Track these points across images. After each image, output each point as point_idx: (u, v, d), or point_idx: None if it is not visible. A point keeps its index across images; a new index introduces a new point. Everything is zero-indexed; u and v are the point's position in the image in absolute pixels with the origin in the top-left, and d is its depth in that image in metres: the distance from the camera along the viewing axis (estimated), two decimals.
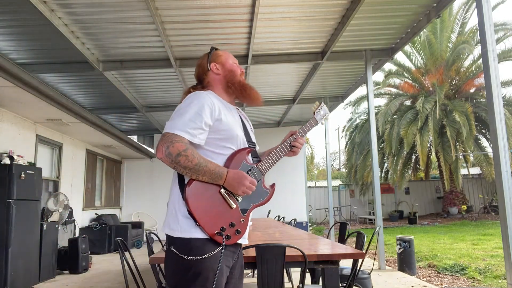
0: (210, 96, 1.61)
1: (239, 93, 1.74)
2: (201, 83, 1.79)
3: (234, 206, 1.56)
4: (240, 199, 1.59)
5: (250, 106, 1.78)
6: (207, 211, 1.51)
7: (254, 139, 1.80)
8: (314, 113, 1.87)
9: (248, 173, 1.62)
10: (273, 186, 1.73)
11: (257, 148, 1.85)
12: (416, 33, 5.48)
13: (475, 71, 15.03)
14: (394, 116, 15.58)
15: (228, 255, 1.55)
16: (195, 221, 1.48)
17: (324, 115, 1.89)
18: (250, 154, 1.69)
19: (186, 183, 1.53)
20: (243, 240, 1.64)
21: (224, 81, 1.74)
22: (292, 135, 1.80)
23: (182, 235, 1.49)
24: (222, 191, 1.55)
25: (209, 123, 1.56)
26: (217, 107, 1.59)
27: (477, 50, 14.59)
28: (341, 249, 2.63)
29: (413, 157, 16.66)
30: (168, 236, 1.54)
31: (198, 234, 1.49)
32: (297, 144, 1.78)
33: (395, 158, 15.74)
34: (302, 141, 1.80)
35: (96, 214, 9.43)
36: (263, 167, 1.69)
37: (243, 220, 1.59)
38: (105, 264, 7.37)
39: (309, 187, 16.22)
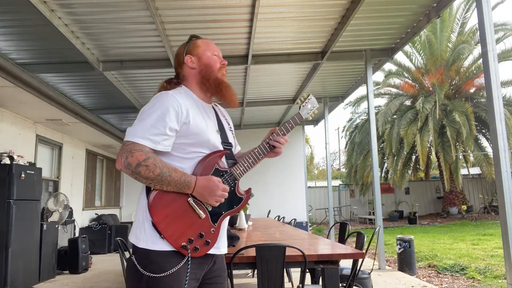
0: (177, 97, 1.45)
1: (214, 91, 1.57)
2: (178, 76, 1.63)
3: (203, 216, 1.44)
4: (210, 208, 1.46)
5: (226, 107, 1.66)
6: (173, 223, 1.39)
7: (231, 139, 1.64)
8: (300, 107, 1.66)
9: (220, 179, 1.48)
10: (248, 191, 1.59)
11: (238, 149, 1.71)
12: (416, 33, 5.47)
13: (475, 71, 15.04)
14: (394, 116, 15.59)
15: (196, 267, 1.43)
16: (159, 233, 1.37)
17: (311, 109, 1.67)
18: (224, 157, 1.55)
19: (150, 191, 1.41)
20: (217, 250, 1.51)
21: (199, 76, 1.57)
22: (273, 133, 1.62)
23: (147, 246, 1.38)
24: (190, 200, 1.42)
25: (174, 128, 1.41)
26: (184, 108, 1.44)
27: (477, 50, 14.62)
28: (341, 249, 2.63)
29: (413, 157, 16.67)
30: (133, 245, 1.43)
31: (164, 246, 1.38)
32: (277, 144, 1.60)
33: (395, 158, 15.75)
34: (284, 140, 1.61)
35: (96, 214, 9.43)
36: (237, 172, 1.53)
37: (213, 230, 1.47)
38: (105, 264, 7.37)
39: (309, 187, 16.23)
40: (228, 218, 1.57)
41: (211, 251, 1.47)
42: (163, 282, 1.35)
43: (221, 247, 1.54)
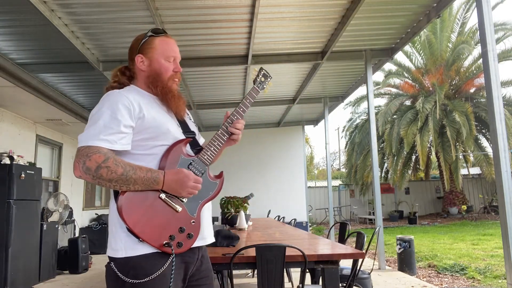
0: (125, 94, 1.38)
1: (160, 97, 1.48)
2: (130, 67, 1.55)
3: (179, 209, 1.37)
4: (185, 200, 1.39)
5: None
6: (149, 222, 1.31)
7: (193, 128, 1.56)
8: (254, 81, 1.63)
9: (188, 168, 1.41)
10: (220, 175, 1.51)
11: (202, 140, 1.61)
12: (416, 33, 5.47)
13: (475, 71, 15.04)
14: (394, 116, 15.60)
15: (182, 267, 1.38)
16: (137, 237, 1.29)
17: (265, 82, 1.65)
18: (188, 145, 1.47)
19: (118, 195, 1.32)
20: (203, 241, 1.46)
21: (147, 80, 1.48)
22: (229, 117, 1.53)
23: (127, 254, 1.31)
24: (162, 195, 1.34)
25: (129, 125, 1.34)
26: (136, 104, 1.37)
27: (477, 50, 14.62)
28: (341, 249, 2.63)
29: (413, 157, 16.67)
30: (109, 257, 1.36)
31: (144, 249, 1.31)
32: (234, 130, 1.51)
33: (395, 158, 15.75)
34: (241, 124, 1.53)
35: (96, 214, 9.43)
36: (205, 157, 1.46)
37: (193, 222, 1.40)
38: (105, 264, 7.36)
39: (309, 187, 16.22)
40: (209, 206, 1.51)
41: (197, 243, 1.42)
42: (148, 287, 1.29)
43: (206, 237, 1.48)
